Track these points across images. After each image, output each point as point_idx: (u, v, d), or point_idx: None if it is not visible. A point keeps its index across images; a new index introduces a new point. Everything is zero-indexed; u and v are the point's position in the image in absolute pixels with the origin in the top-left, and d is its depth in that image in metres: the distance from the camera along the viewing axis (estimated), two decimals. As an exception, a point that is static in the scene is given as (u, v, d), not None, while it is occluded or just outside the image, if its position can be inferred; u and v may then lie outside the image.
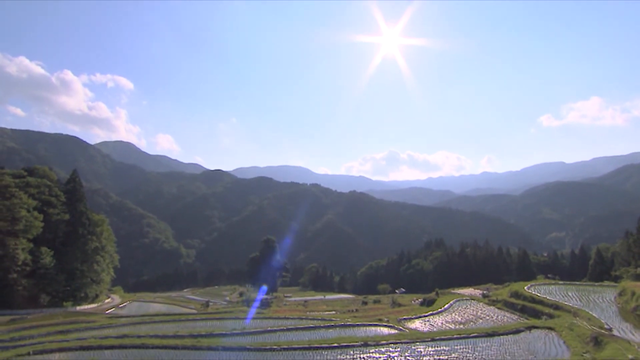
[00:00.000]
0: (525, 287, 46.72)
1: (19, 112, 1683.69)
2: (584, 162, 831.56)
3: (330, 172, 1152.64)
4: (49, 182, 61.44)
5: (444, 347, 24.86)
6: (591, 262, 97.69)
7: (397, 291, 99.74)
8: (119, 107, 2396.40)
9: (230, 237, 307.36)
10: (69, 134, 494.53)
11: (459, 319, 40.60)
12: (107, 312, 57.66)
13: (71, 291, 59.18)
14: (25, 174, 61.02)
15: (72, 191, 64.52)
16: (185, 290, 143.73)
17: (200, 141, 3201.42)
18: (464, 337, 27.02)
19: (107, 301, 70.91)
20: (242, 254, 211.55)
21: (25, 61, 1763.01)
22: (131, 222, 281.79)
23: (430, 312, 43.63)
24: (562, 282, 55.21)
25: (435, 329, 36.26)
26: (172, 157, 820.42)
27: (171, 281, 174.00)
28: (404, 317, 41.75)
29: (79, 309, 56.40)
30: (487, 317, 39.88)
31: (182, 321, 43.23)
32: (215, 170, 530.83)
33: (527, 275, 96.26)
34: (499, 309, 43.02)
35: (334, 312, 58.17)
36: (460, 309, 45.02)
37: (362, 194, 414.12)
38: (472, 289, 66.19)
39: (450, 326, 37.41)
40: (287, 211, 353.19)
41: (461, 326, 36.88)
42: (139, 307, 69.18)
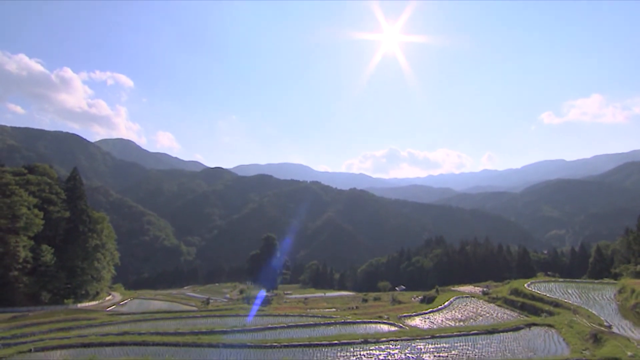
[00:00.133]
0: (525, 285, 46.84)
1: (19, 109, 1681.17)
2: (585, 159, 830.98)
3: (330, 170, 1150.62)
4: (49, 180, 61.51)
5: (444, 344, 24.94)
6: (591, 259, 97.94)
7: (397, 288, 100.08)
8: (119, 105, 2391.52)
9: (230, 234, 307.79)
10: (69, 131, 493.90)
11: (459, 316, 40.69)
12: (107, 309, 57.77)
13: (72, 289, 59.35)
14: (25, 171, 61.08)
15: (73, 189, 64.63)
16: (185, 287, 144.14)
17: (200, 139, 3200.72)
18: (463, 334, 27.10)
19: (107, 298, 71.02)
20: (242, 252, 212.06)
21: (24, 59, 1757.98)
22: (131, 219, 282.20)
23: (430, 310, 43.69)
24: (562, 280, 55.32)
25: (435, 326, 36.32)
26: (172, 154, 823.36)
27: (172, 279, 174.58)
28: (404, 315, 41.80)
29: (79, 306, 56.54)
30: (487, 315, 39.98)
31: (183, 318, 43.25)
32: (215, 167, 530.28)
33: (527, 272, 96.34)
34: (499, 306, 43.13)
35: (334, 310, 58.31)
36: (460, 306, 45.12)
37: (362, 191, 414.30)
38: (472, 287, 66.34)
39: (450, 323, 37.50)
40: (288, 209, 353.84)
41: (461, 323, 36.97)
42: (140, 304, 69.30)
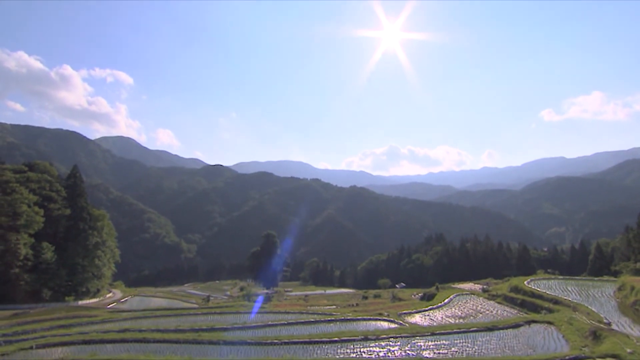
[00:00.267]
0: (525, 282, 46.93)
1: (19, 107, 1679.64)
2: (585, 157, 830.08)
3: (330, 167, 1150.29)
4: (49, 178, 61.53)
5: (444, 341, 24.99)
6: (591, 257, 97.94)
7: (397, 286, 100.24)
8: (118, 102, 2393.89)
9: (230, 232, 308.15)
10: (69, 129, 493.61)
11: (459, 313, 40.77)
12: (108, 306, 57.86)
13: (73, 286, 59.49)
14: (25, 169, 61.13)
15: (73, 186, 64.66)
16: (186, 284, 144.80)
17: (200, 136, 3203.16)
18: (463, 331, 27.13)
19: (108, 296, 71.20)
20: (242, 249, 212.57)
21: (24, 56, 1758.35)
22: (132, 217, 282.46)
23: (430, 307, 43.71)
24: (561, 277, 55.39)
25: (435, 323, 36.40)
26: (172, 152, 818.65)
27: (172, 276, 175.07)
28: (404, 312, 41.82)
29: (80, 303, 56.66)
30: (487, 312, 40.05)
31: (184, 315, 43.37)
32: (215, 165, 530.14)
33: (527, 270, 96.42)
34: (498, 303, 43.23)
35: (334, 307, 58.38)
36: (460, 303, 45.20)
37: (362, 188, 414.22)
38: (472, 284, 66.53)
39: (450, 320, 37.58)
40: (288, 206, 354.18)
41: (461, 320, 37.05)
42: (140, 301, 69.40)
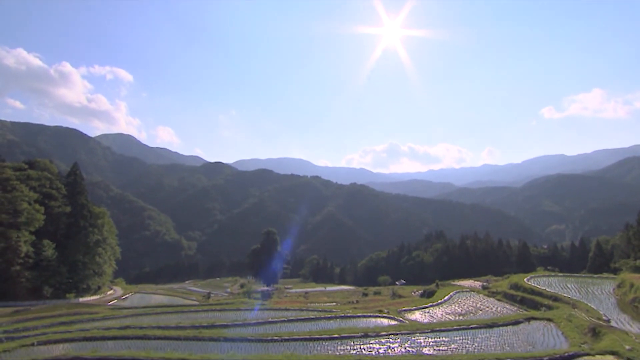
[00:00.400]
0: (524, 279, 46.94)
1: (18, 104, 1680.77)
2: (585, 154, 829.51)
3: (330, 165, 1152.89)
4: (49, 175, 61.55)
5: (444, 338, 25.05)
6: (591, 254, 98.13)
7: (397, 283, 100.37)
8: (118, 100, 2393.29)
9: (231, 229, 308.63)
10: (68, 126, 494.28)
11: (459, 310, 40.87)
12: (109, 303, 58.06)
13: (74, 283, 59.68)
14: (26, 166, 61.10)
15: (73, 184, 64.72)
16: (186, 282, 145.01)
17: (200, 133, 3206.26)
18: (463, 328, 27.19)
19: (109, 293, 71.42)
20: (242, 246, 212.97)
21: (23, 53, 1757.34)
22: (132, 214, 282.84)
23: (430, 304, 43.83)
24: (561, 274, 55.47)
25: (435, 320, 36.50)
26: (172, 149, 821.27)
27: (173, 273, 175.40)
28: (404, 309, 41.91)
29: (81, 300, 56.86)
30: (487, 309, 40.13)
31: (184, 312, 43.44)
32: (215, 162, 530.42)
33: (527, 267, 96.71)
34: (498, 300, 43.29)
35: (334, 304, 58.59)
36: (460, 300, 45.29)
37: (362, 186, 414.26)
38: (472, 281, 66.60)
39: (450, 317, 37.67)
40: (288, 203, 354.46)
41: (461, 317, 37.14)
42: (141, 298, 69.65)
